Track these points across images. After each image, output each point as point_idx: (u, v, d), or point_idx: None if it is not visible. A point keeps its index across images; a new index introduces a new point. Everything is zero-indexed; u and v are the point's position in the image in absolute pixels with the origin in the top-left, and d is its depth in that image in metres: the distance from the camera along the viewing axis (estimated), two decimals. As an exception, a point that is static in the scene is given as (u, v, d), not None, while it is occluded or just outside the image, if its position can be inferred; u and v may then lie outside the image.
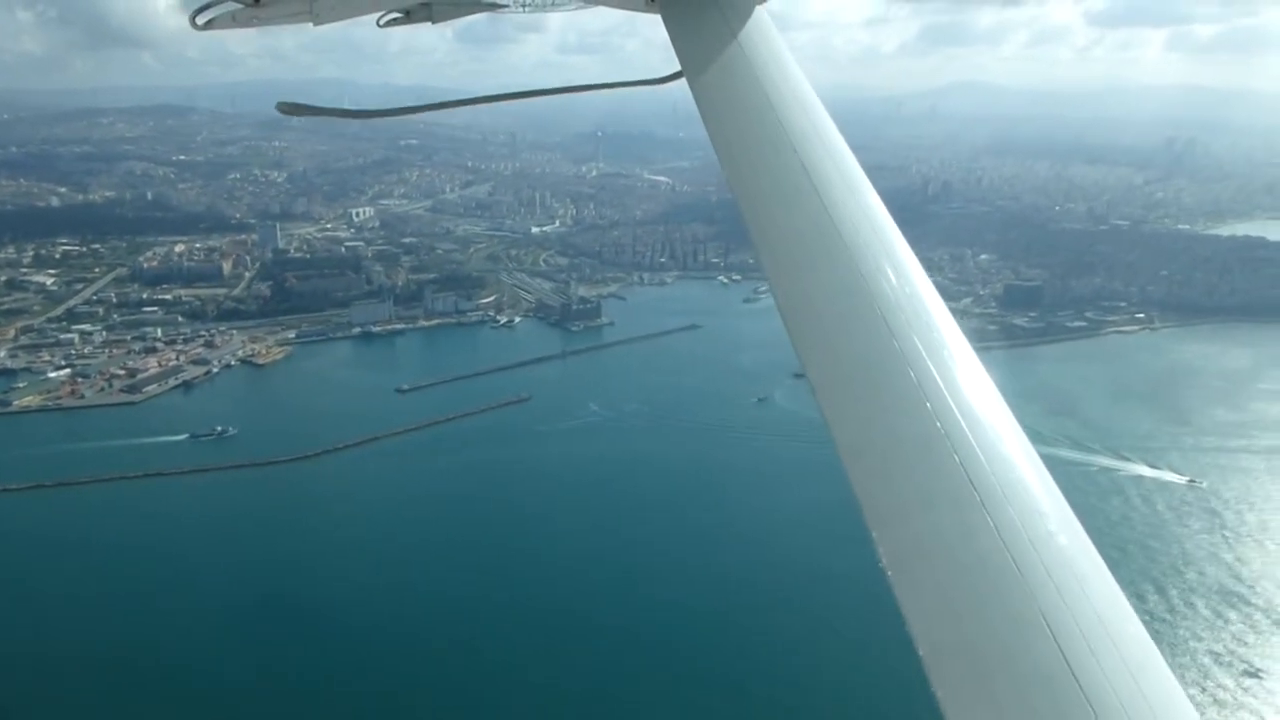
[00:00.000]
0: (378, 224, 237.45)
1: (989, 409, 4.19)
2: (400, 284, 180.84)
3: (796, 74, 5.60)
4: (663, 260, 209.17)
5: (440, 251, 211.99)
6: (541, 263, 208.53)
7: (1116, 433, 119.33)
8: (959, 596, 3.67)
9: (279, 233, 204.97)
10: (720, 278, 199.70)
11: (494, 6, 7.84)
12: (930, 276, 4.75)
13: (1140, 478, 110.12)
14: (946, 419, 4.05)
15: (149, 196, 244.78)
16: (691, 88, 5.65)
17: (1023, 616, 3.50)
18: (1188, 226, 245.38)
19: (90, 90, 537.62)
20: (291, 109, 6.55)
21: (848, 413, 4.35)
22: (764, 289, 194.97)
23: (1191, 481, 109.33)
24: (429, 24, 7.10)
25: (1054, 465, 4.06)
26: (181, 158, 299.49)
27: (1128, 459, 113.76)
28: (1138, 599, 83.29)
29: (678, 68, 6.06)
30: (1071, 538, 3.80)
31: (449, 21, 7.28)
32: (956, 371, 4.29)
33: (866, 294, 4.52)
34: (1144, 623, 3.55)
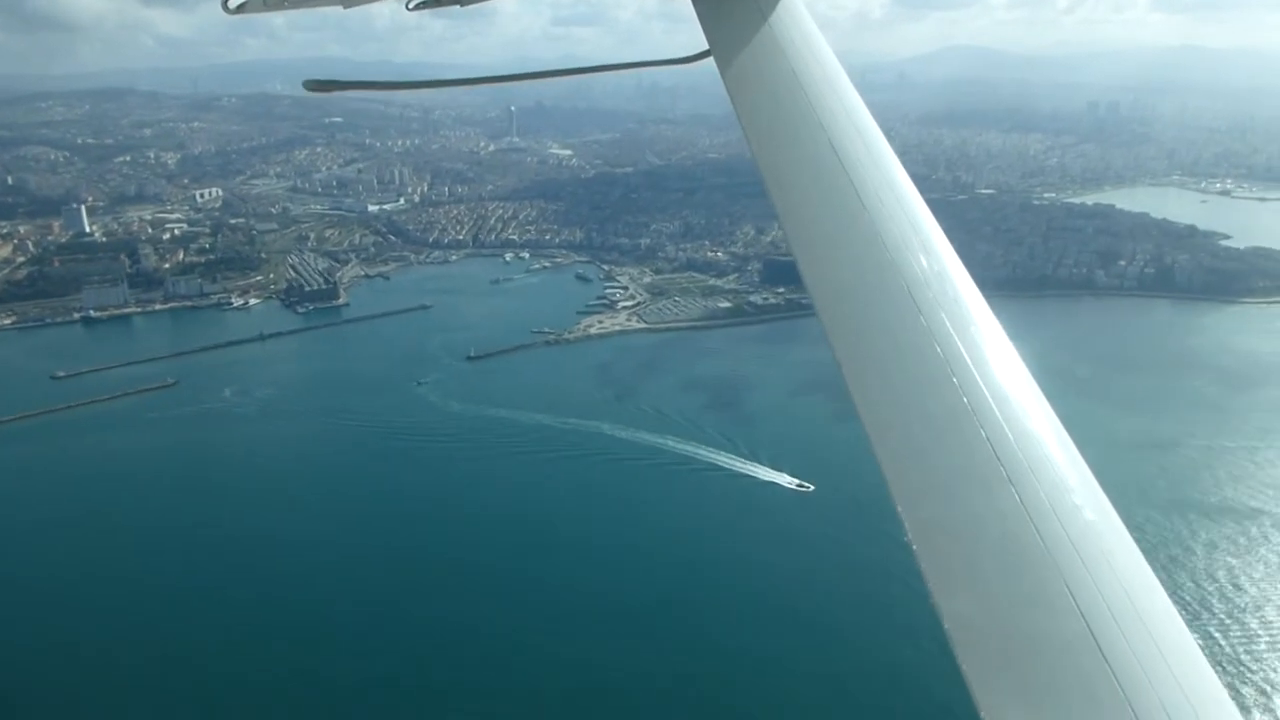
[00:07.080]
0: (219, 205, 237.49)
1: (1016, 386, 4.23)
2: (169, 267, 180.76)
3: (827, 54, 5.57)
4: (460, 237, 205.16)
5: (255, 232, 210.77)
6: (347, 243, 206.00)
7: (762, 428, 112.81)
8: (985, 572, 3.72)
9: (85, 216, 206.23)
10: (507, 255, 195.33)
11: None
12: (711, 253, 4.18)
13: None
14: (974, 396, 4.10)
15: (9, 181, 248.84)
16: (719, 67, 5.61)
17: (1049, 592, 3.52)
18: (1053, 195, 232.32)
19: (97, 73, 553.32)
20: (319, 85, 6.33)
21: (875, 389, 4.36)
22: (536, 267, 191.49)
23: (801, 485, 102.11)
24: (457, 6, 6.96)
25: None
26: (89, 141, 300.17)
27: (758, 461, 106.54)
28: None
29: (691, 41, 6.12)
30: (1099, 514, 3.84)
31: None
32: (984, 349, 4.31)
33: (894, 271, 4.54)
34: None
